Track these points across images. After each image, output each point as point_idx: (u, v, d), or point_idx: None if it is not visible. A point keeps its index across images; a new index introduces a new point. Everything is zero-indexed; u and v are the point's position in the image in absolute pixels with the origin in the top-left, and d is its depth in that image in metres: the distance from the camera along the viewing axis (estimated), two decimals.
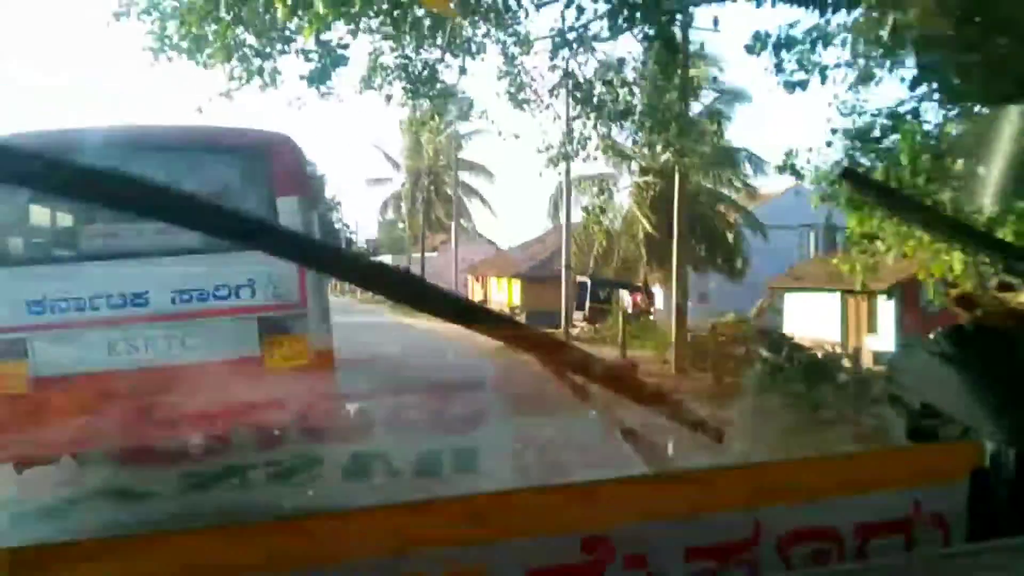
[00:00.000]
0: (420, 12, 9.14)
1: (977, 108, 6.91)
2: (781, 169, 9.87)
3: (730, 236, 22.47)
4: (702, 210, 21.28)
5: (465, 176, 37.75)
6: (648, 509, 0.95)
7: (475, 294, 36.59)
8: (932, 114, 8.07)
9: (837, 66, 8.10)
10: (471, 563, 0.88)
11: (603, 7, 8.88)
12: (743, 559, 0.97)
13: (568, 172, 18.91)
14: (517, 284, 31.76)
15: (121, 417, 4.47)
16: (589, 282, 24.32)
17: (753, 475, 1.06)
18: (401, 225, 44.31)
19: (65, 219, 5.39)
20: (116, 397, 4.51)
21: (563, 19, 9.65)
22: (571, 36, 9.89)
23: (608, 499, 0.96)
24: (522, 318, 21.22)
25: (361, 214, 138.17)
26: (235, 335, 4.71)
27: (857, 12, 7.36)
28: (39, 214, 5.22)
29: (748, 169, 22.64)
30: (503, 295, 33.69)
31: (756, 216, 23.33)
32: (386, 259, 45.43)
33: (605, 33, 9.47)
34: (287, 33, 8.94)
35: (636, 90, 11.64)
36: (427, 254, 39.17)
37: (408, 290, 1.15)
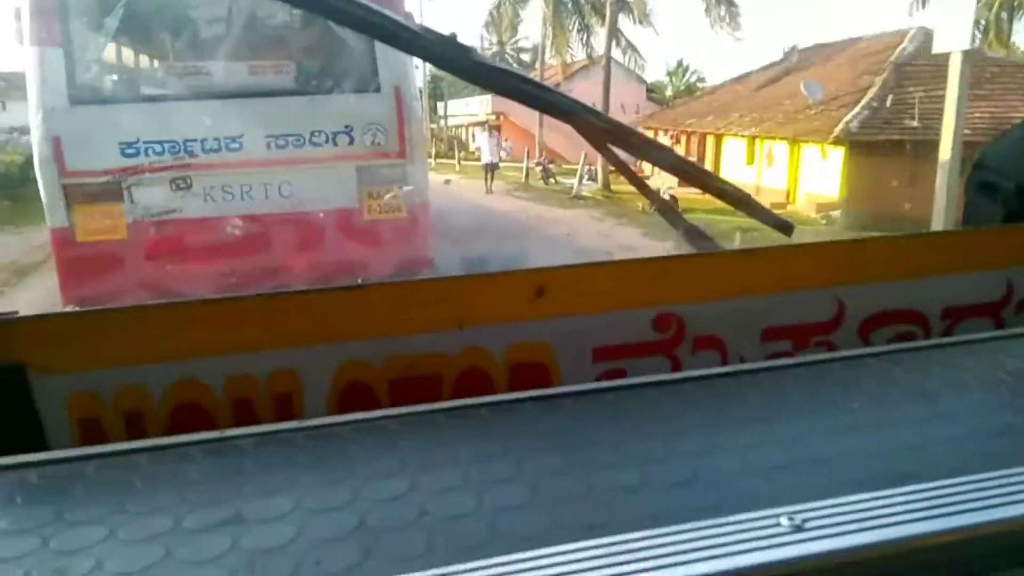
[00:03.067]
0: None
1: None
2: None
3: None
4: None
5: None
6: (723, 286, 0.90)
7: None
8: None
9: None
10: (533, 339, 0.85)
11: None
12: (823, 340, 0.92)
13: None
14: (837, 153, 15.09)
15: (217, 265, 4.40)
16: None
17: (837, 252, 0.99)
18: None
19: (157, 56, 5.16)
20: (211, 244, 4.42)
21: None
22: None
23: (680, 275, 0.91)
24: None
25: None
26: (332, 184, 4.51)
27: None
28: (130, 51, 5.00)
29: None
30: (771, 172, 17.56)
31: None
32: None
33: None
34: None
35: None
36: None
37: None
